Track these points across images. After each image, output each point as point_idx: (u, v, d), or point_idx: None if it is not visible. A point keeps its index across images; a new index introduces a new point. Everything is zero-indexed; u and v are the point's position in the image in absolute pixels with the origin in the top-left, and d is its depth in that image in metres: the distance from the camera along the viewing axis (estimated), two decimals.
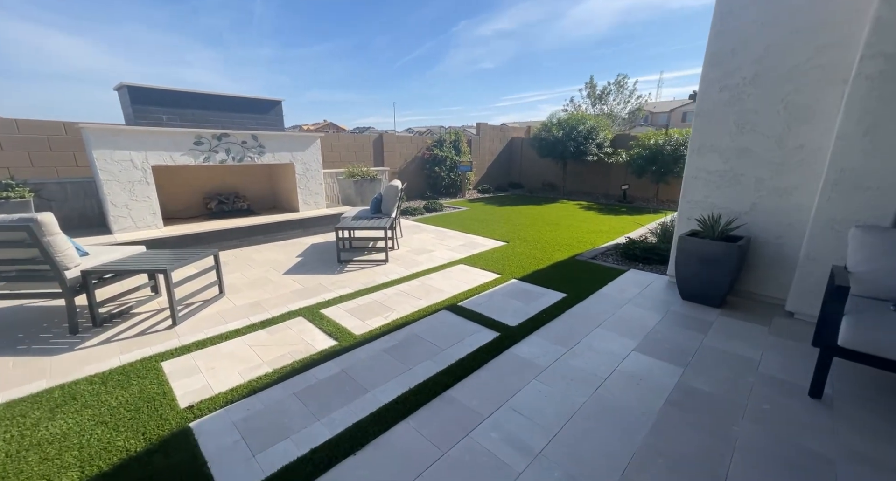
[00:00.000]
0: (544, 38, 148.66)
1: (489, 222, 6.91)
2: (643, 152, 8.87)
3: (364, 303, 3.37)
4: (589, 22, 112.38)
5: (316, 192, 6.15)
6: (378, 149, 9.41)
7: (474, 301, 3.40)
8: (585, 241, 5.51)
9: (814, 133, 2.93)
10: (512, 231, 6.19)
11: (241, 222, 5.24)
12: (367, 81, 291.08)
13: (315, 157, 6.01)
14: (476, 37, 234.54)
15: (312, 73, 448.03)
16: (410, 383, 2.21)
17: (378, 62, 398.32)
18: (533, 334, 2.79)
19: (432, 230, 6.30)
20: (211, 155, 4.87)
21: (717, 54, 3.29)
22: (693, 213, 3.63)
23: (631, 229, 6.36)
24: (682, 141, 8.44)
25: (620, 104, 15.04)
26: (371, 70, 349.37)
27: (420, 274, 4.13)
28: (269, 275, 4.08)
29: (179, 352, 2.49)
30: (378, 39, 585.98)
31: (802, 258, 2.92)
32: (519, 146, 12.93)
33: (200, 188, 5.73)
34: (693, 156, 3.57)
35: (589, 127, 9.80)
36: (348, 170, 6.76)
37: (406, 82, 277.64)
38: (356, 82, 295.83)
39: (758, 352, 2.52)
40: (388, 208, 5.00)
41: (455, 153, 10.54)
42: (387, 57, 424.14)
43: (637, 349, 2.58)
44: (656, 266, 4.42)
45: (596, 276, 4.04)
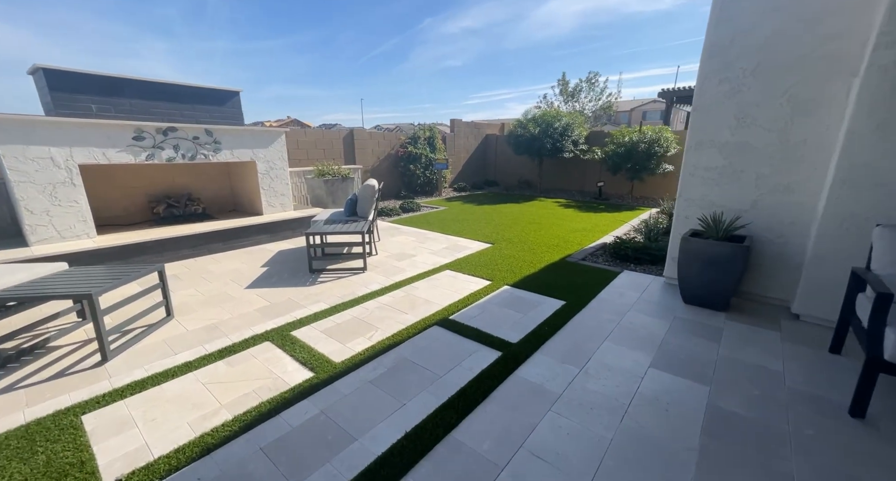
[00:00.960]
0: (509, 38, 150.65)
1: (470, 222, 6.60)
2: (618, 149, 8.88)
3: (342, 320, 2.94)
4: (551, 23, 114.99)
5: (282, 193, 5.58)
6: (349, 146, 8.85)
7: (467, 313, 3.06)
8: (572, 241, 5.32)
9: (818, 127, 2.81)
10: (496, 231, 5.91)
11: (196, 228, 4.62)
12: (331, 77, 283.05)
13: (280, 155, 5.44)
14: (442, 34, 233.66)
15: (273, 68, 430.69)
16: (406, 424, 1.84)
17: (342, 57, 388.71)
18: (538, 352, 2.49)
19: (411, 232, 5.90)
20: (155, 152, 4.22)
21: (717, 44, 3.12)
22: (691, 212, 3.47)
23: (614, 227, 6.26)
24: (656, 138, 8.51)
25: (592, 101, 15.20)
26: (335, 65, 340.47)
27: (403, 283, 3.74)
28: (228, 289, 3.55)
29: (109, 399, 1.98)
30: (342, 34, 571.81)
31: (810, 258, 2.81)
32: (493, 143, 12.73)
33: (145, 190, 5.02)
34: (691, 153, 3.40)
35: (565, 123, 9.71)
36: (318, 169, 6.22)
37: (372, 78, 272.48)
38: (320, 78, 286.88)
39: (778, 362, 2.35)
40: (364, 210, 4.55)
41: (430, 150, 10.15)
42: (351, 52, 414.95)
43: (654, 365, 2.34)
44: (648, 266, 4.27)
45: (591, 279, 3.82)
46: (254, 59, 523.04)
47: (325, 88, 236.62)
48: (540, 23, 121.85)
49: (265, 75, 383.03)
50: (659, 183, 9.36)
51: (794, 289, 2.98)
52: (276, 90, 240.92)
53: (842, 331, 2.36)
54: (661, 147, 8.45)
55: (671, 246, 3.65)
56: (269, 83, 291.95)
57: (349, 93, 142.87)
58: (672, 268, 3.61)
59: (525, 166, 11.68)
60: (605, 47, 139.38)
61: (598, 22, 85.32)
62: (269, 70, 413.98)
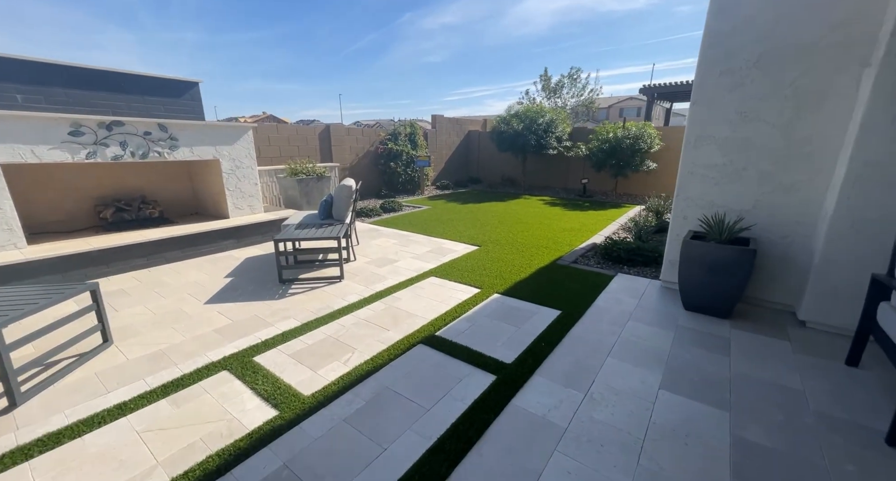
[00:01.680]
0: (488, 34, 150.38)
1: (455, 222, 6.30)
2: (602, 146, 8.76)
3: (315, 340, 2.59)
4: (530, 20, 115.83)
5: (250, 194, 5.12)
6: (325, 142, 8.39)
7: (455, 328, 2.77)
8: (562, 242, 5.10)
9: (825, 122, 2.64)
10: (482, 232, 5.63)
11: (150, 234, 4.14)
12: (309, 72, 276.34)
13: (247, 152, 4.98)
14: (422, 30, 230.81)
15: (248, 62, 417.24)
16: (388, 478, 1.53)
17: (320, 52, 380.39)
18: (536, 374, 2.22)
19: (393, 234, 5.55)
20: (97, 149, 3.72)
21: (717, 33, 2.91)
22: (689, 212, 3.28)
23: (602, 226, 6.09)
24: (639, 134, 8.42)
25: (574, 97, 15.11)
26: (313, 60, 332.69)
27: (385, 293, 3.41)
28: (185, 305, 3.13)
29: (11, 460, 1.58)
30: (319, 28, 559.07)
31: (818, 262, 2.64)
32: (476, 140, 12.46)
33: (90, 192, 4.47)
34: (689, 150, 3.20)
35: (548, 119, 9.53)
36: (290, 167, 5.77)
37: (352, 74, 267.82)
38: (298, 73, 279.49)
39: (795, 378, 2.16)
40: (340, 212, 4.18)
41: (411, 147, 9.78)
42: (329, 46, 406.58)
43: (664, 386, 2.11)
44: (641, 268, 4.09)
45: (584, 284, 3.59)
46: (226, 53, 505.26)
47: (304, 84, 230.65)
48: (518, 20, 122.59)
49: (240, 69, 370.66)
50: (643, 179, 9.31)
51: (800, 295, 2.83)
52: (252, 85, 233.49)
53: (860, 342, 2.19)
54: (645, 143, 8.37)
55: (668, 247, 3.46)
56: (245, 78, 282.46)
57: (328, 88, 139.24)
58: (670, 271, 3.42)
59: (508, 163, 11.47)
60: (581, 45, 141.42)
61: (574, 19, 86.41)
62: (244, 64, 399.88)
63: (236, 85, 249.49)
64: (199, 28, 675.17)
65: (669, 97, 11.78)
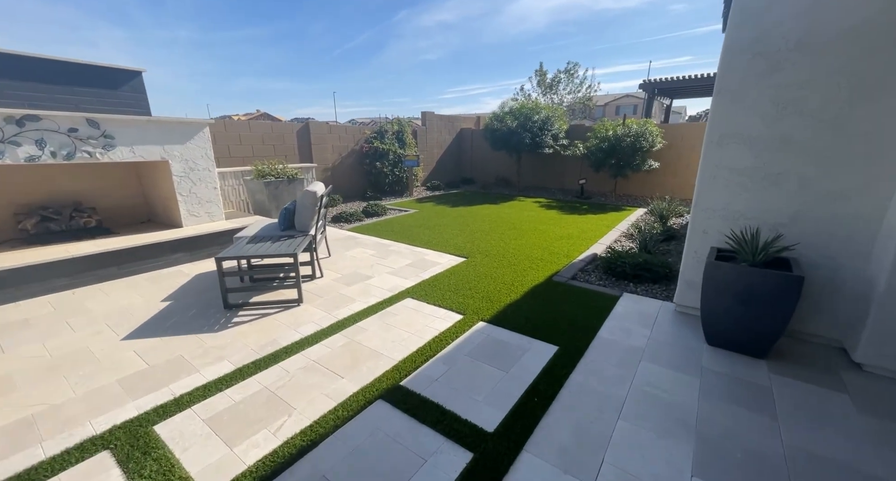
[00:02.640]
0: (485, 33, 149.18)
1: (442, 229, 5.74)
2: (601, 144, 8.23)
3: (246, 395, 2.03)
4: (526, 19, 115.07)
5: (208, 200, 4.53)
6: (304, 141, 7.78)
7: (428, 373, 2.21)
8: (558, 252, 4.56)
9: (886, 115, 2.11)
10: (470, 241, 5.07)
11: (80, 248, 3.54)
12: (305, 70, 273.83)
13: (203, 152, 4.38)
14: (418, 28, 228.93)
15: (242, 60, 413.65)
16: None
17: (315, 50, 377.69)
18: (525, 450, 1.67)
19: (372, 243, 4.99)
20: (5, 148, 3.11)
21: (749, 9, 2.37)
22: (711, 225, 2.74)
23: (602, 232, 5.56)
24: (641, 131, 7.90)
25: (571, 93, 14.51)
26: (308, 58, 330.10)
27: (348, 321, 2.85)
28: (96, 342, 2.55)
29: None
30: (314, 25, 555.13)
31: (883, 291, 2.11)
32: (469, 138, 11.90)
33: (11, 198, 3.86)
34: (711, 149, 2.66)
35: (544, 117, 8.98)
36: (257, 169, 5.18)
37: (348, 72, 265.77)
38: (293, 70, 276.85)
39: (871, 456, 1.62)
40: (303, 222, 3.61)
41: (399, 146, 9.20)
42: (325, 44, 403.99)
43: (698, 470, 1.57)
44: (649, 285, 3.55)
45: (585, 307, 3.05)
46: (221, 51, 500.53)
47: (300, 82, 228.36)
48: (515, 18, 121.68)
49: (235, 67, 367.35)
50: (644, 180, 8.80)
51: (854, 330, 2.30)
52: (247, 83, 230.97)
53: None
54: (647, 141, 7.85)
55: (684, 266, 2.92)
56: (240, 76, 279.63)
57: (324, 87, 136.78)
58: (687, 294, 2.89)
59: (503, 163, 10.92)
60: (577, 43, 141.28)
61: (570, 18, 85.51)
62: (239, 62, 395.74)
63: (231, 83, 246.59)
64: (193, 27, 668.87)
65: (670, 93, 11.28)
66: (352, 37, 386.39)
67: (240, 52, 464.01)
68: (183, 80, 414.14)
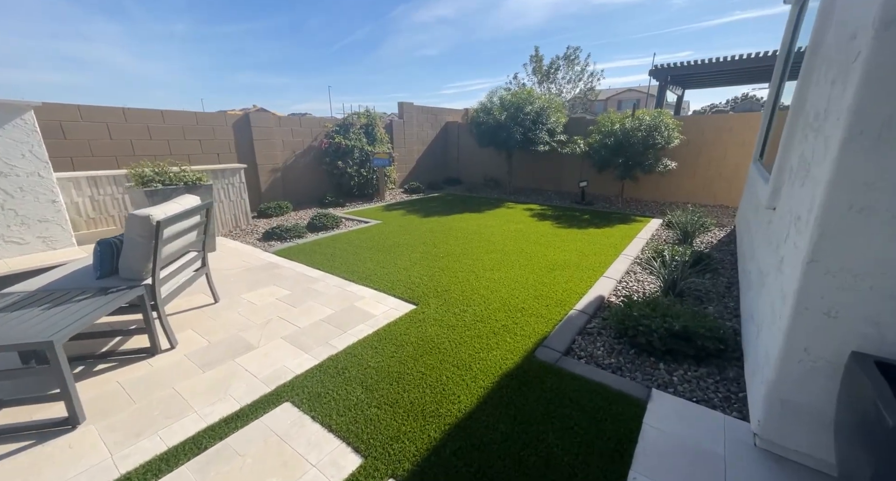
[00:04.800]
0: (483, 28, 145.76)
1: (400, 250, 4.37)
2: (606, 140, 6.83)
3: None
4: (524, 13, 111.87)
5: (41, 219, 3.15)
6: (244, 135, 6.37)
7: None
8: (548, 296, 3.19)
9: None
10: (431, 272, 3.70)
11: None
12: (303, 65, 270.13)
13: (25, 149, 3.00)
14: (417, 22, 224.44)
15: (238, 54, 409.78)
16: None
17: (313, 44, 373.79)
18: None
19: (293, 276, 3.62)
20: None
21: None
22: (846, 301, 1.36)
23: (609, 258, 4.18)
24: (654, 125, 6.50)
25: (571, 82, 12.94)
26: (307, 53, 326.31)
27: (139, 476, 1.49)
28: None
29: None
30: (312, 20, 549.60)
31: None
32: (455, 133, 10.50)
33: None
34: (849, 154, 1.28)
35: (538, 108, 7.56)
36: (134, 172, 3.78)
37: (346, 67, 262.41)
38: (289, 66, 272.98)
39: None
40: (132, 267, 2.23)
41: (368, 142, 7.80)
42: (323, 39, 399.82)
43: None
44: (692, 369, 2.20)
45: (588, 432, 1.69)
46: (217, 45, 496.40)
47: (296, 77, 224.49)
48: (512, 12, 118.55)
49: (232, 62, 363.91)
50: (655, 182, 7.44)
51: None
52: (245, 78, 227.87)
53: None
54: (662, 137, 6.46)
55: (779, 371, 1.54)
56: (237, 70, 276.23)
57: (321, 81, 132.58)
58: (784, 424, 1.53)
59: (492, 161, 9.52)
60: (576, 38, 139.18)
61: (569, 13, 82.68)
62: (235, 56, 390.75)
63: (228, 78, 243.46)
64: (189, 20, 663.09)
65: (684, 82, 9.84)
66: (350, 31, 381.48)
67: (238, 46, 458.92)
68: (180, 74, 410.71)
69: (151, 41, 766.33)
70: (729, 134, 6.71)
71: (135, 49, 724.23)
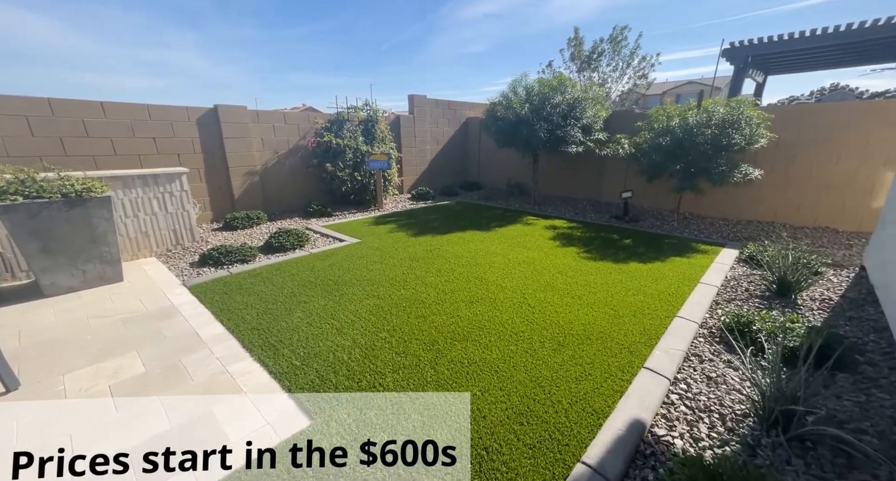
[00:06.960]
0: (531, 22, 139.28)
1: (349, 295, 3.14)
2: (660, 140, 5.16)
3: None
4: (574, 6, 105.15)
5: None
6: (211, 133, 5.45)
7: None
8: (543, 417, 1.79)
9: None
10: (370, 341, 2.43)
11: None
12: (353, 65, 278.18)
13: None
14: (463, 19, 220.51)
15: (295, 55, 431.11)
16: None
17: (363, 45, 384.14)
18: None
19: (181, 333, 2.50)
20: None
21: None
22: None
23: (658, 323, 2.67)
24: (730, 119, 4.74)
25: (617, 70, 10.82)
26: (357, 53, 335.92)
27: None
28: None
29: None
30: (362, 21, 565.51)
31: None
32: (477, 131, 9.09)
33: None
34: None
35: (570, 99, 5.98)
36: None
37: (393, 66, 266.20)
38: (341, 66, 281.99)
39: None
40: None
41: (365, 141, 6.65)
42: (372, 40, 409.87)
43: None
44: None
45: None
46: (276, 48, 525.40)
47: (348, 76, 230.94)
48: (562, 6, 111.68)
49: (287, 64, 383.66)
50: (727, 195, 5.63)
51: None
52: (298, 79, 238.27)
53: None
54: (741, 135, 4.69)
55: None
56: (292, 72, 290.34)
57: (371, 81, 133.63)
58: None
59: (517, 163, 8.01)
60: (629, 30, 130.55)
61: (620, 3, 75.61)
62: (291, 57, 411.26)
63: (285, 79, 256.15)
64: (255, 24, 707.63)
65: (766, 64, 7.69)
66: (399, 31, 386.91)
67: (293, 48, 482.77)
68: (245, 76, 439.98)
69: (222, 46, 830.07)
70: (844, 130, 4.78)
71: (208, 55, 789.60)
